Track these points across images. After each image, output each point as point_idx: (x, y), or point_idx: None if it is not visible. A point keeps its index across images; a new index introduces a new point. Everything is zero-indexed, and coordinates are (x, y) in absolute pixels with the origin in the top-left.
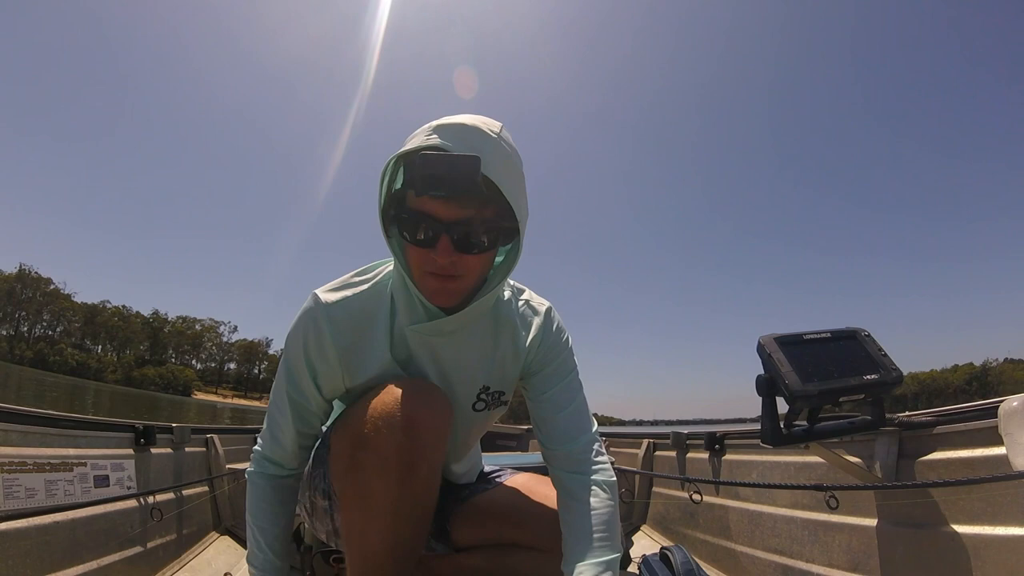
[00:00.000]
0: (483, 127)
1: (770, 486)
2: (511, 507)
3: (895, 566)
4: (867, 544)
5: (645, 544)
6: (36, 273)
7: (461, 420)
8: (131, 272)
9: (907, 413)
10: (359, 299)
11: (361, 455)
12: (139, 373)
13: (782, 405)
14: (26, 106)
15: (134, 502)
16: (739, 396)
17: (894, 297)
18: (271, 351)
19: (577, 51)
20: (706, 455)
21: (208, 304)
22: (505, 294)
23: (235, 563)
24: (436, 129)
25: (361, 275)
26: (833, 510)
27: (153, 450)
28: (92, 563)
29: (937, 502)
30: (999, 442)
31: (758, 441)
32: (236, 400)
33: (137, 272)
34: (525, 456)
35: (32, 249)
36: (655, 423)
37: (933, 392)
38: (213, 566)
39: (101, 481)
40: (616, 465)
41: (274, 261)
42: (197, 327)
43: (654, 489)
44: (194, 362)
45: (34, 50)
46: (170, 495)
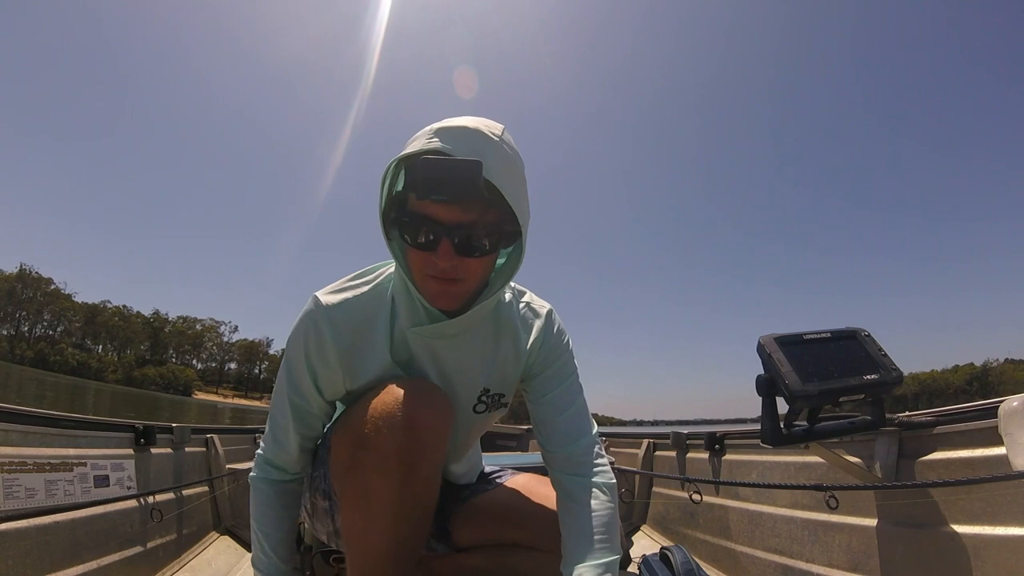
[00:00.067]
0: (485, 130)
1: (770, 486)
2: (511, 507)
3: (895, 566)
4: (867, 544)
5: (645, 544)
6: (37, 273)
7: (461, 422)
8: (132, 272)
9: (907, 413)
10: (360, 301)
11: (362, 455)
12: (140, 373)
13: (782, 405)
14: (26, 106)
15: (134, 502)
16: (739, 396)
17: (894, 297)
18: (272, 351)
19: (577, 51)
20: (706, 455)
21: (209, 304)
22: (506, 296)
23: (235, 563)
24: (437, 132)
25: (361, 277)
26: (833, 510)
27: (153, 450)
28: (92, 563)
29: (937, 502)
30: (999, 442)
31: (758, 441)
32: (237, 400)
33: (138, 272)
34: (525, 456)
35: (33, 249)
36: (655, 423)
37: (934, 392)
38: (213, 566)
39: (101, 481)
40: (616, 465)
41: (275, 261)
42: (198, 327)
43: (654, 489)
44: (195, 362)
45: (34, 50)
46: (170, 495)
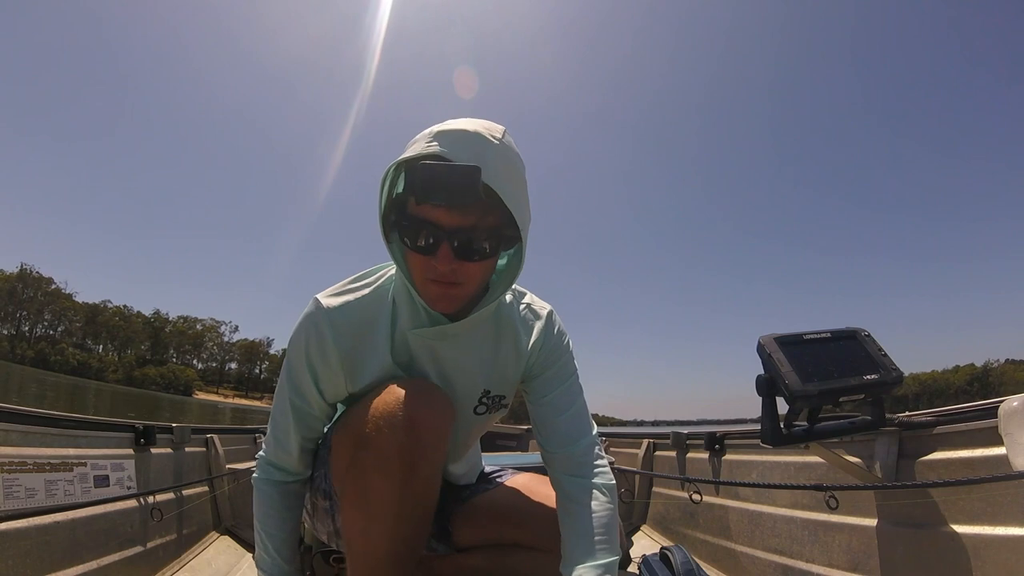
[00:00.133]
0: (485, 133)
1: (770, 486)
2: (512, 507)
3: (895, 566)
4: (867, 544)
5: (645, 544)
6: (37, 273)
7: (462, 423)
8: (132, 272)
9: (907, 413)
10: (360, 303)
11: (362, 455)
12: (140, 373)
13: (782, 405)
14: (26, 106)
15: (134, 502)
16: (739, 396)
17: (894, 297)
18: (272, 351)
19: (577, 51)
20: (706, 455)
21: (209, 304)
22: (507, 298)
23: (235, 563)
24: (437, 136)
25: (362, 279)
26: (833, 510)
27: (153, 450)
28: (92, 563)
29: (937, 502)
30: (999, 442)
31: (758, 441)
32: (237, 400)
33: (138, 272)
34: (525, 456)
35: (33, 249)
36: (656, 423)
37: (934, 393)
38: (213, 566)
39: (101, 481)
40: (616, 465)
41: (275, 261)
42: (198, 327)
43: (654, 489)
44: (195, 362)
45: (34, 50)
46: (170, 495)
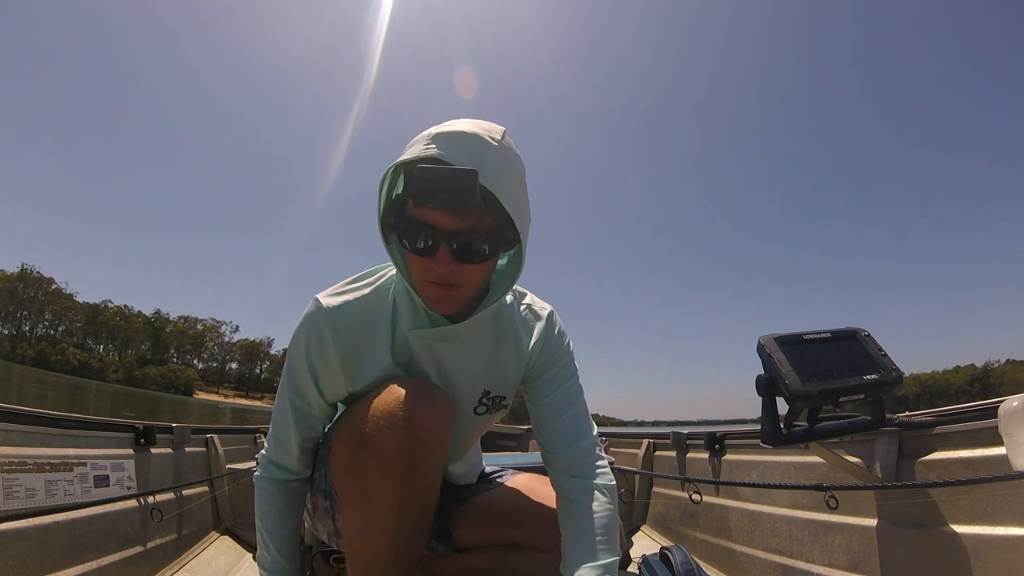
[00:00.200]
0: (483, 134)
1: (770, 486)
2: (512, 507)
3: (895, 566)
4: (867, 544)
5: (645, 544)
6: (38, 273)
7: (462, 423)
8: (133, 272)
9: (907, 413)
10: (361, 303)
11: (362, 454)
12: (141, 373)
13: (782, 405)
14: (26, 106)
15: (134, 502)
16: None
17: (895, 297)
18: (273, 351)
19: (577, 51)
20: (706, 455)
21: (210, 304)
22: (507, 298)
23: (235, 563)
24: (435, 138)
25: (363, 279)
26: (833, 510)
27: (153, 450)
28: (92, 563)
29: (937, 502)
30: (999, 442)
31: (758, 441)
32: (238, 400)
33: (139, 272)
34: (525, 456)
35: (34, 249)
36: (656, 424)
37: (935, 393)
38: (213, 566)
39: (101, 481)
40: (616, 465)
41: (276, 261)
42: (199, 327)
43: (654, 489)
44: (196, 362)
45: (34, 50)
46: (170, 495)
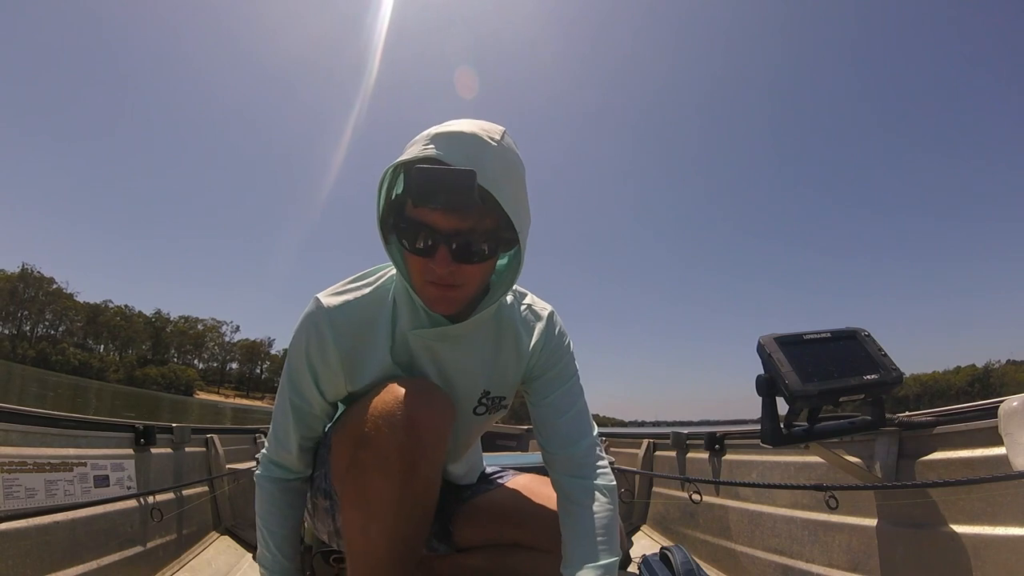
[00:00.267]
0: (483, 135)
1: (770, 486)
2: (512, 508)
3: (895, 566)
4: (867, 544)
5: (645, 544)
6: (38, 273)
7: (461, 423)
8: (133, 272)
9: (907, 413)
10: (361, 303)
11: (362, 454)
12: (141, 373)
13: (782, 405)
14: (26, 106)
15: (134, 502)
16: (739, 396)
17: (895, 298)
18: (273, 351)
19: (577, 51)
20: (706, 455)
21: (210, 304)
22: (507, 298)
23: (235, 563)
24: (434, 139)
25: (363, 279)
26: (833, 510)
27: (153, 450)
28: (92, 563)
29: (937, 502)
30: (999, 442)
31: (758, 441)
32: (238, 400)
33: (139, 272)
34: (525, 456)
35: (34, 249)
36: (656, 424)
37: (935, 393)
38: (213, 566)
39: (101, 481)
40: (616, 465)
41: (276, 261)
42: (199, 327)
43: (654, 489)
44: (196, 362)
45: (34, 50)
46: (170, 495)
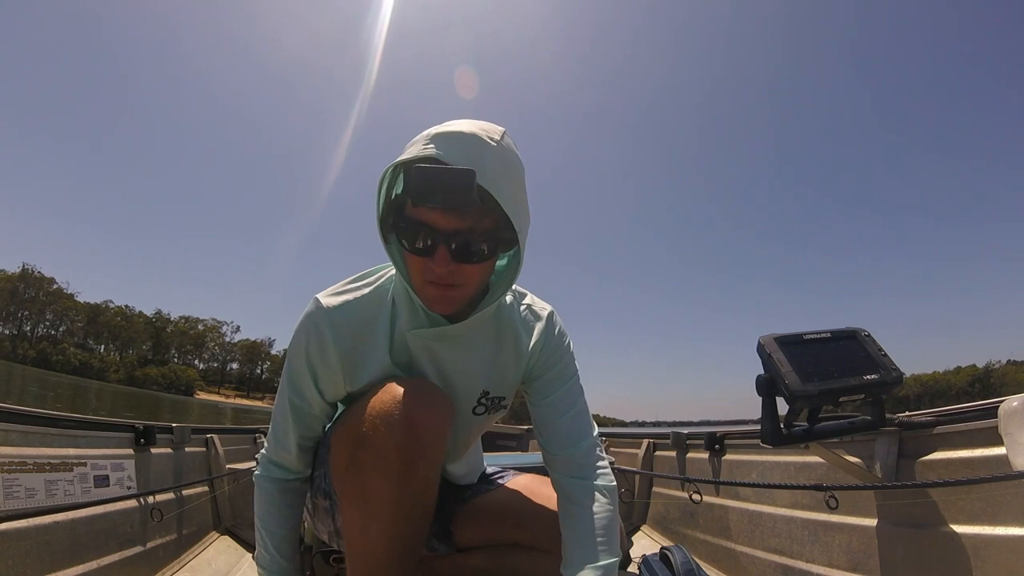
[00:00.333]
0: (482, 135)
1: (770, 486)
2: (512, 508)
3: (895, 566)
4: (867, 544)
5: (645, 544)
6: (39, 273)
7: (460, 423)
8: (134, 272)
9: (907, 413)
10: (360, 303)
11: (361, 454)
12: (142, 373)
13: (782, 405)
14: (26, 106)
15: (134, 502)
16: (739, 396)
17: (895, 298)
18: (274, 351)
19: (577, 51)
20: (706, 455)
21: (211, 304)
22: (507, 298)
23: (235, 563)
24: (434, 138)
25: (362, 279)
26: (833, 510)
27: (153, 450)
28: (92, 563)
29: (937, 502)
30: (999, 442)
31: (758, 441)
32: (239, 400)
33: (140, 272)
34: (525, 456)
35: (35, 249)
36: (656, 424)
37: (935, 394)
38: (213, 566)
39: (101, 481)
40: (616, 465)
41: (277, 261)
42: (200, 327)
43: (654, 489)
44: (197, 362)
45: (34, 50)
46: (170, 495)
